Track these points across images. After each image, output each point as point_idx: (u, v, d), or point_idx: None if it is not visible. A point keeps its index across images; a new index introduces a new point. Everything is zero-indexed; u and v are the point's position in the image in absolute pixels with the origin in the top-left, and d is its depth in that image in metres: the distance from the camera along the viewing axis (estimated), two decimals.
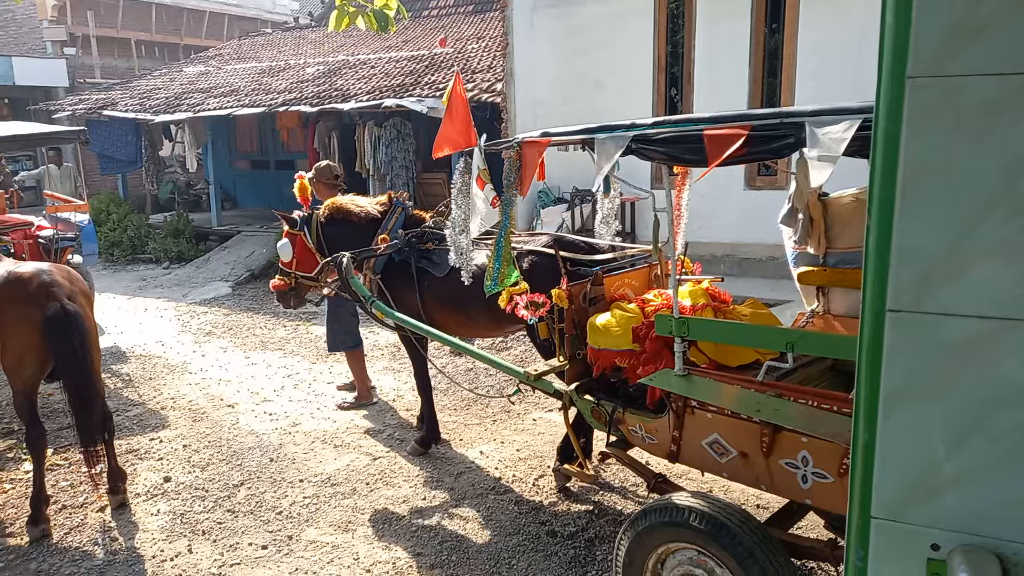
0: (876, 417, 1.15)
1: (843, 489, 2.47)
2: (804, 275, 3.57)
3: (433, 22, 15.84)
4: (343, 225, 5.09)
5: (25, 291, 4.11)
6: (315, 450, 5.18)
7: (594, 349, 3.45)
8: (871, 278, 1.13)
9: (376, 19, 4.86)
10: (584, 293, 3.59)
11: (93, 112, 14.31)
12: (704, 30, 8.55)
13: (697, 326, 2.93)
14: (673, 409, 3.06)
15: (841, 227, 3.47)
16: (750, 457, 2.85)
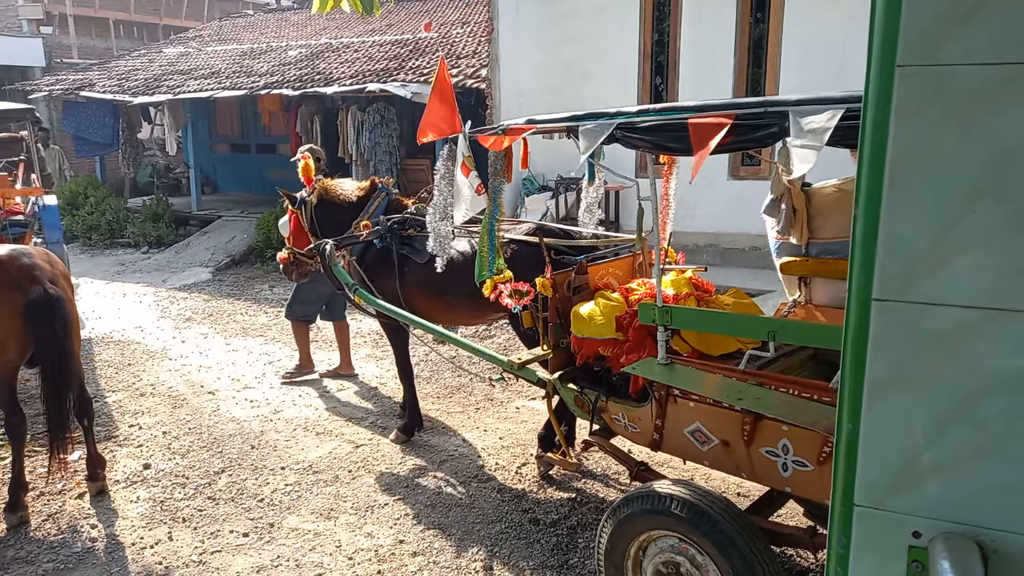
0: (860, 406, 1.15)
1: (822, 477, 2.58)
2: (786, 265, 3.59)
3: (418, 6, 15.69)
4: (331, 207, 5.12)
5: (6, 274, 4.04)
6: (297, 437, 5.15)
7: (577, 338, 3.46)
8: (857, 267, 1.13)
9: (361, 1, 4.80)
10: (568, 282, 3.60)
11: (70, 93, 14.07)
12: (690, 19, 8.54)
13: (680, 315, 2.95)
14: (656, 398, 3.08)
15: (824, 217, 3.48)
16: (731, 445, 2.87)
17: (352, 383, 6.20)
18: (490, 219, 3.68)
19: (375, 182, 5.17)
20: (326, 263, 4.79)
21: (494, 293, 3.75)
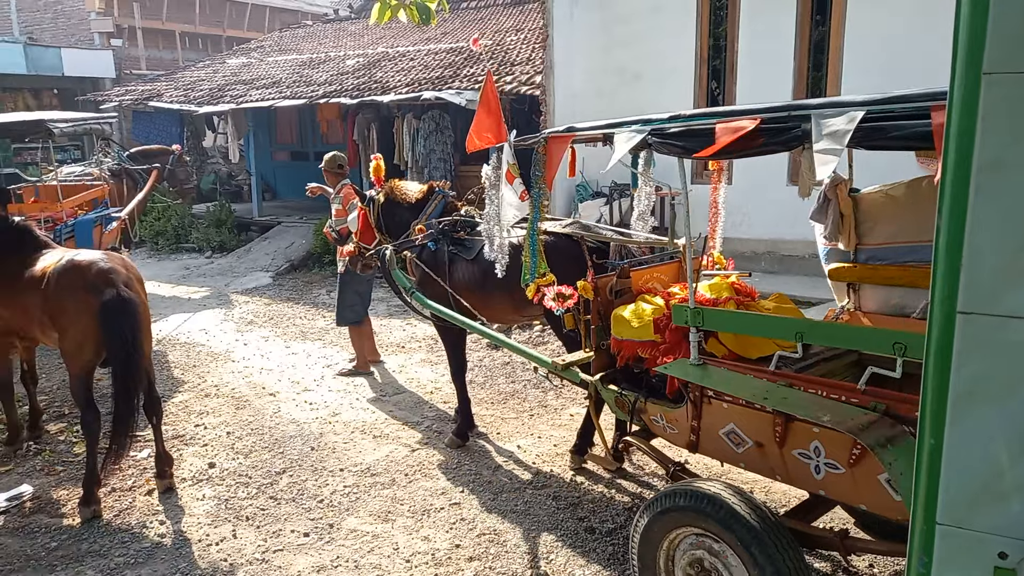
0: (943, 420, 1.13)
1: (854, 480, 2.57)
2: (835, 271, 3.59)
3: (472, 14, 15.83)
4: (395, 207, 5.40)
5: (85, 278, 4.29)
6: (354, 440, 5.24)
7: (617, 340, 3.54)
8: (940, 278, 1.11)
9: (418, 12, 4.88)
10: (610, 286, 3.69)
11: (139, 103, 14.61)
12: (748, 22, 8.41)
13: (711, 316, 3.02)
14: (691, 399, 3.12)
15: (872, 223, 3.48)
16: (765, 447, 2.88)
17: (409, 388, 6.27)
18: (532, 224, 3.80)
19: (433, 186, 5.40)
20: (385, 267, 5.07)
21: (537, 296, 3.87)
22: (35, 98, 18.66)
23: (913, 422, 2.40)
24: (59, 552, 3.92)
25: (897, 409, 2.50)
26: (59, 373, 6.75)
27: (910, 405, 2.46)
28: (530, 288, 3.91)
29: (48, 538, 4.05)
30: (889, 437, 2.40)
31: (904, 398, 2.54)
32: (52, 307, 4.35)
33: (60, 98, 18.71)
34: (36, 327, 4.56)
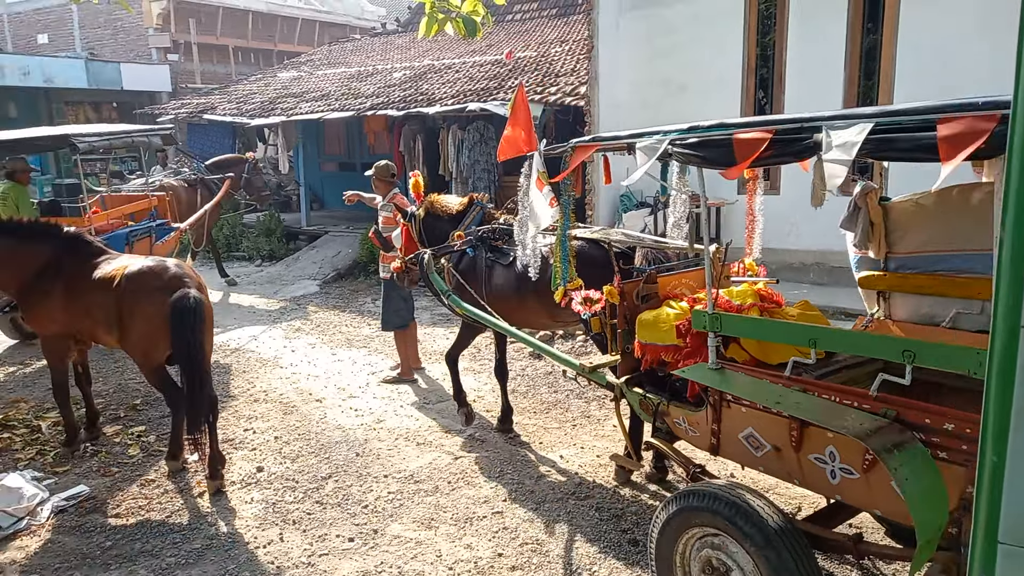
0: (1006, 437, 1.09)
1: (868, 485, 2.61)
2: (865, 279, 3.62)
3: (517, 26, 15.93)
4: (435, 219, 5.61)
5: (160, 281, 4.69)
6: (398, 447, 5.29)
7: (642, 343, 3.63)
8: (1003, 291, 1.08)
9: (464, 25, 4.94)
10: (637, 291, 3.79)
11: (194, 116, 15.04)
12: (797, 30, 8.30)
13: (729, 321, 3.09)
14: (711, 402, 3.18)
15: (902, 232, 3.51)
16: (782, 452, 2.93)
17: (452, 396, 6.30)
18: (562, 231, 3.95)
19: (472, 198, 5.64)
20: (423, 271, 5.29)
21: (565, 300, 4.03)
22: (95, 111, 19.36)
23: (923, 428, 2.45)
24: (113, 551, 4.04)
25: (907, 416, 2.53)
26: (115, 377, 6.97)
27: (920, 412, 2.51)
28: (558, 292, 4.06)
29: (103, 537, 4.18)
30: (897, 443, 2.43)
31: (914, 405, 2.57)
32: (126, 307, 4.69)
33: (119, 111, 19.38)
34: (101, 328, 4.86)
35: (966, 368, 2.34)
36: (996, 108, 2.04)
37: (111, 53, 19.91)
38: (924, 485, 2.35)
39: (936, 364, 2.50)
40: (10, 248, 4.95)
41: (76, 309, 4.89)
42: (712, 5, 8.77)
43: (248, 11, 21.30)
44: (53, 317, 4.97)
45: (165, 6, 19.39)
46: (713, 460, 4.03)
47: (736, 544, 2.82)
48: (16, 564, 3.93)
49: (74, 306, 4.89)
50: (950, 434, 2.41)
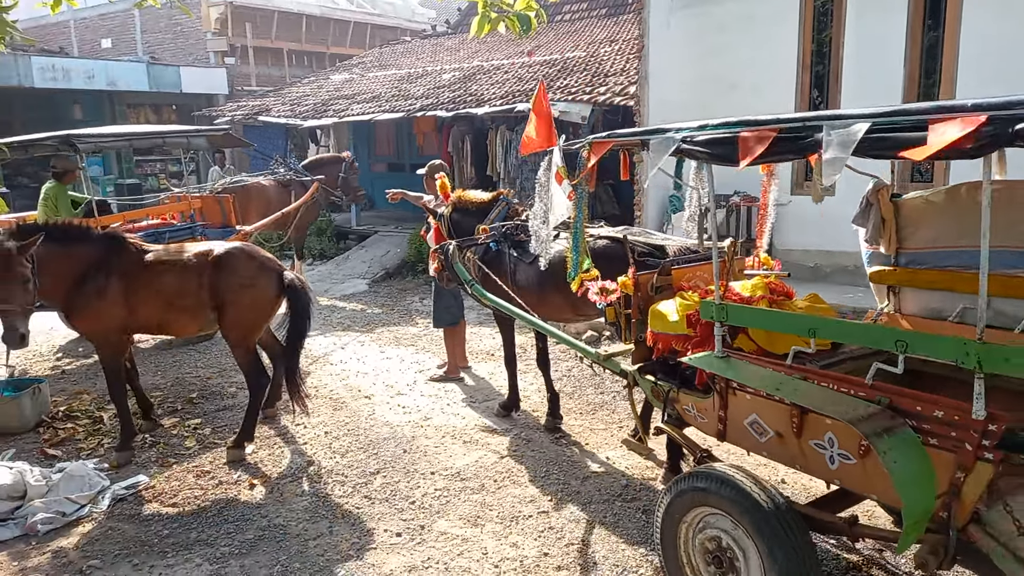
0: None
1: (864, 470, 2.72)
2: (876, 274, 3.74)
3: (566, 26, 15.92)
4: (462, 215, 5.85)
5: (261, 261, 5.27)
6: (445, 444, 5.34)
7: (654, 333, 3.76)
8: None
9: (518, 22, 4.96)
10: (651, 282, 3.95)
11: (249, 117, 15.41)
12: (854, 27, 8.12)
13: (733, 311, 3.23)
14: (717, 390, 3.32)
15: (913, 228, 3.60)
16: (785, 438, 3.04)
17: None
18: (576, 224, 4.15)
19: (498, 193, 5.84)
20: (448, 261, 5.55)
21: (581, 289, 4.25)
22: (155, 113, 19.99)
23: (915, 416, 2.58)
24: (170, 539, 4.17)
25: (900, 403, 2.64)
26: (173, 371, 7.19)
27: (911, 400, 2.62)
28: (575, 283, 4.28)
29: (160, 526, 4.31)
30: (887, 427, 2.55)
31: (906, 393, 2.66)
32: (230, 289, 5.06)
33: (178, 113, 19.97)
34: (186, 315, 5.18)
35: (954, 357, 2.44)
36: (985, 110, 2.12)
37: (171, 57, 20.53)
38: (912, 468, 2.46)
39: (926, 353, 2.67)
40: (52, 253, 4.78)
41: (149, 301, 5.06)
42: (767, 2, 8.64)
43: (302, 15, 21.73)
44: (112, 314, 5.03)
45: (223, 10, 19.91)
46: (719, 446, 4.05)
47: (735, 524, 2.96)
48: (78, 549, 4.09)
49: (145, 298, 5.05)
50: (940, 421, 2.52)
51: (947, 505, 2.51)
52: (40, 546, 4.12)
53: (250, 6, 20.20)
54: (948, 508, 2.51)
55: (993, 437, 2.38)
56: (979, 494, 2.45)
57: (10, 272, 4.45)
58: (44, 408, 5.90)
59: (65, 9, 5.77)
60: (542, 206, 4.32)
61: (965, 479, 2.46)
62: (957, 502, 2.49)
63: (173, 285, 5.08)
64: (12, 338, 4.51)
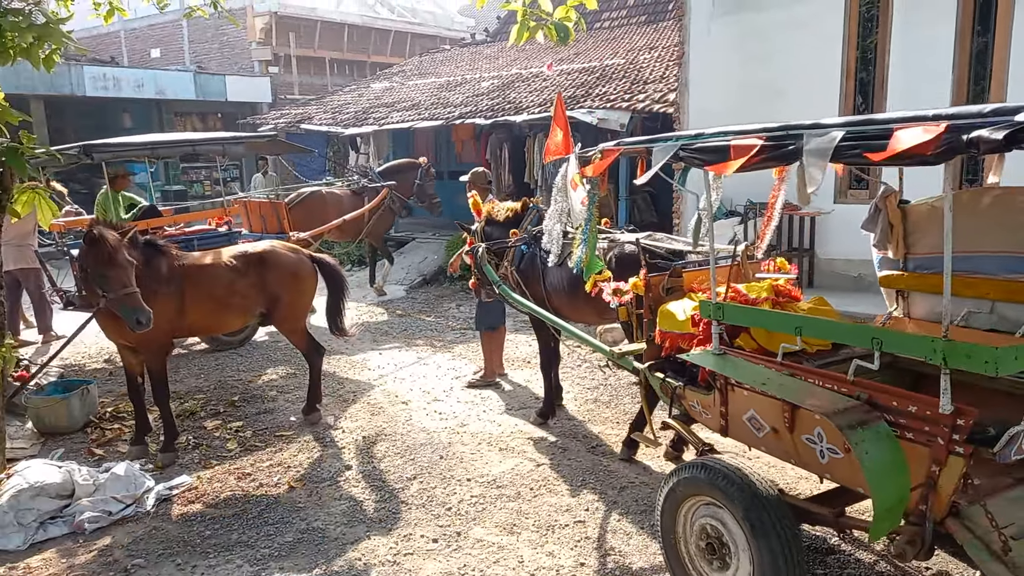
0: None
1: (851, 464, 2.78)
2: (885, 279, 3.86)
3: (605, 34, 15.91)
4: (494, 226, 6.07)
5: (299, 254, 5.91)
6: (481, 451, 5.35)
7: (662, 331, 3.93)
8: None
9: (557, 31, 4.97)
10: (662, 284, 4.13)
11: (292, 125, 15.69)
12: (901, 33, 7.96)
13: (730, 311, 3.40)
14: (717, 386, 3.47)
15: (920, 233, 3.71)
16: (780, 433, 3.15)
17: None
18: (585, 227, 4.41)
19: (527, 202, 6.01)
20: (478, 263, 5.87)
21: (595, 290, 4.51)
22: (202, 121, 20.47)
23: (890, 410, 2.71)
24: (212, 540, 4.24)
25: (878, 399, 2.76)
26: (215, 374, 7.33)
27: (889, 395, 2.75)
28: (588, 283, 4.55)
29: (203, 526, 4.39)
30: (862, 420, 2.67)
31: (885, 389, 2.81)
32: (282, 283, 5.63)
33: (223, 121, 20.42)
34: (235, 313, 5.63)
35: (923, 355, 2.59)
36: (945, 119, 2.27)
37: (217, 66, 21.01)
38: (883, 459, 2.58)
39: (898, 351, 2.86)
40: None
41: (202, 303, 5.37)
42: (810, 8, 8.52)
43: (344, 24, 22.07)
44: (167, 318, 5.18)
45: (268, 21, 20.33)
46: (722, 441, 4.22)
47: (727, 512, 3.11)
48: (124, 548, 4.18)
49: (197, 301, 5.34)
50: (913, 416, 2.64)
51: (925, 498, 2.63)
52: (87, 544, 4.23)
53: (294, 16, 20.59)
54: (926, 501, 2.63)
55: (962, 432, 2.50)
56: (954, 487, 2.56)
57: (123, 256, 4.70)
58: (92, 409, 6.06)
59: (116, 19, 5.96)
60: (557, 208, 4.63)
61: (940, 472, 2.57)
62: (934, 495, 2.60)
63: (224, 286, 5.41)
64: (145, 317, 4.69)
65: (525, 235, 5.74)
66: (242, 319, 5.83)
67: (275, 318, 5.77)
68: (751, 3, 8.97)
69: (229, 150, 8.93)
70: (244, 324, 6.00)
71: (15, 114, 4.02)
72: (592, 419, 5.93)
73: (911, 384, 3.03)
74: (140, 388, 5.49)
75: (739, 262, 4.31)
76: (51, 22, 4.47)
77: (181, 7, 14.76)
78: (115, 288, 4.65)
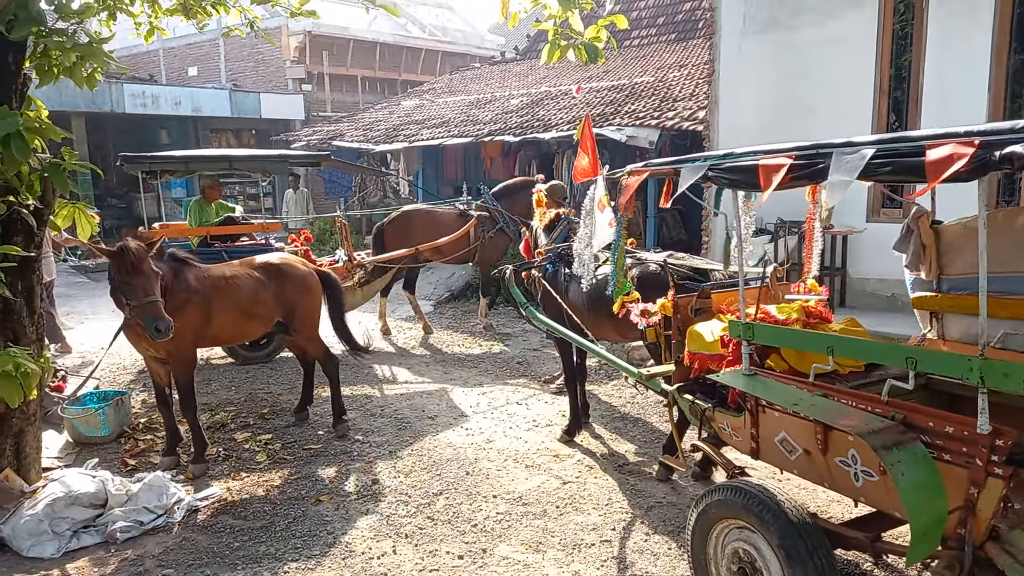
0: None
1: (887, 487, 2.74)
2: (919, 300, 3.83)
3: (635, 51, 15.94)
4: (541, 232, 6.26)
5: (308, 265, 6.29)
6: (507, 468, 5.34)
7: (691, 353, 3.90)
8: None
9: (586, 51, 5.01)
10: (691, 305, 4.10)
11: (324, 142, 15.92)
12: (936, 50, 7.87)
13: (760, 330, 3.37)
14: (748, 408, 3.43)
15: (954, 254, 3.68)
16: (812, 455, 3.11)
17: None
18: (613, 248, 4.42)
19: (559, 214, 6.15)
20: (504, 285, 5.91)
21: (623, 311, 4.53)
22: (236, 138, 20.86)
23: (926, 431, 2.67)
24: (240, 552, 4.28)
25: (914, 419, 2.72)
26: (245, 387, 7.42)
27: (925, 415, 2.71)
28: (616, 304, 4.55)
29: (231, 538, 4.44)
30: (897, 441, 2.63)
31: (921, 409, 2.76)
32: (299, 292, 5.87)
33: (257, 138, 20.78)
34: (259, 322, 5.80)
35: (958, 374, 2.54)
36: (977, 136, 2.25)
37: (252, 84, 21.42)
38: (919, 480, 2.52)
39: (934, 370, 2.85)
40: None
41: (229, 313, 5.54)
42: (843, 26, 8.46)
43: (376, 43, 22.38)
44: (194, 329, 5.30)
45: (302, 39, 20.70)
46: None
47: (761, 537, 3.05)
48: (154, 558, 4.23)
49: (223, 311, 5.49)
50: (951, 437, 2.59)
51: (963, 521, 2.56)
52: (119, 553, 4.29)
53: (327, 35, 20.93)
54: (964, 524, 2.56)
55: (1001, 452, 2.44)
56: (994, 510, 2.49)
57: (148, 265, 4.82)
58: (126, 420, 6.17)
59: (156, 38, 6.13)
60: (586, 231, 4.63)
61: (978, 495, 2.51)
62: (973, 518, 2.54)
63: (248, 296, 5.58)
64: (165, 325, 4.77)
65: (550, 254, 5.80)
66: (263, 328, 5.97)
67: (292, 327, 5.95)
68: (783, 21, 8.95)
69: (272, 167, 9.18)
70: (263, 333, 6.13)
71: (58, 131, 4.13)
72: (619, 437, 5.90)
73: (946, 407, 2.99)
74: (168, 399, 5.55)
75: (768, 283, 4.30)
76: (94, 42, 4.61)
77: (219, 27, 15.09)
78: (138, 296, 4.76)
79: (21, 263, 4.40)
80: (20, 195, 4.31)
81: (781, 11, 8.94)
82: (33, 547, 4.26)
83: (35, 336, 4.74)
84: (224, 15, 6.25)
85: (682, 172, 3.48)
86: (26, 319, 4.66)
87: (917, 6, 8.05)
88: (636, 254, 5.28)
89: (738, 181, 3.24)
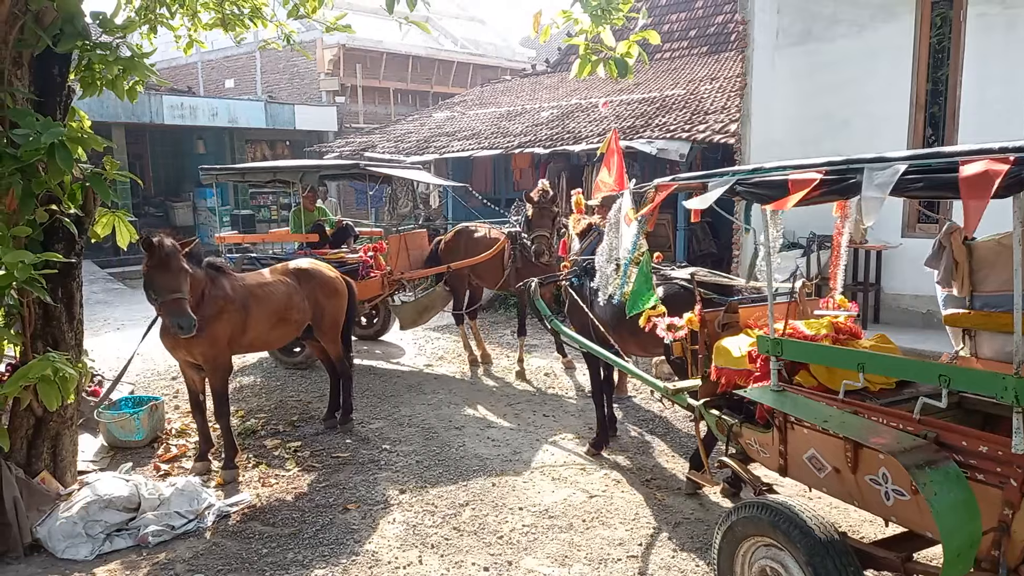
0: None
1: (919, 507, 2.69)
2: (951, 317, 3.77)
3: (666, 64, 15.92)
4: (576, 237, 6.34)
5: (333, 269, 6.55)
6: (534, 480, 5.32)
7: (718, 368, 3.88)
8: None
9: (616, 66, 5.02)
10: (718, 320, 4.07)
11: (356, 153, 16.11)
12: (974, 64, 7.74)
13: (788, 346, 3.34)
14: (776, 424, 3.40)
15: (987, 271, 3.63)
16: (841, 473, 3.08)
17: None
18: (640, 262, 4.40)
19: (591, 224, 6.13)
20: (529, 298, 5.96)
21: (649, 325, 4.52)
22: (271, 148, 21.20)
23: (959, 450, 2.63)
24: (268, 558, 4.32)
25: (947, 438, 2.69)
26: (277, 394, 7.50)
27: (958, 434, 2.68)
28: (642, 318, 4.52)
29: (260, 544, 4.48)
30: (930, 460, 2.59)
31: (951, 427, 2.73)
32: (327, 296, 6.12)
33: (291, 149, 21.10)
34: (291, 326, 5.97)
35: (994, 392, 2.48)
36: (1012, 152, 2.24)
37: (286, 96, 21.78)
38: (952, 500, 2.48)
39: (967, 388, 2.79)
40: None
41: (266, 319, 5.70)
42: (878, 39, 8.37)
43: (409, 56, 22.65)
44: (231, 336, 5.42)
45: (336, 53, 21.02)
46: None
47: (789, 555, 3.02)
48: (185, 562, 4.29)
49: (262, 317, 5.66)
50: (985, 456, 2.55)
51: (998, 543, 2.52)
52: (150, 557, 4.36)
53: (361, 48, 21.24)
54: (999, 546, 2.52)
55: None
56: None
57: (177, 263, 4.89)
58: (160, 425, 6.28)
59: (195, 51, 6.29)
60: (608, 245, 4.62)
61: (1013, 516, 2.46)
62: (1007, 539, 2.50)
63: (283, 301, 5.79)
64: (187, 323, 4.86)
65: (576, 268, 5.85)
66: (295, 332, 6.12)
67: (319, 329, 6.17)
68: (816, 34, 8.88)
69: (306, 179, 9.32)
70: (295, 337, 6.30)
71: (99, 141, 4.24)
72: (646, 451, 5.86)
73: (979, 426, 2.94)
74: (202, 405, 5.63)
75: (797, 298, 4.26)
76: (136, 56, 4.74)
77: (255, 40, 15.39)
78: (164, 292, 4.83)
79: (62, 270, 4.52)
80: (62, 203, 4.44)
81: (815, 24, 8.87)
82: (68, 549, 4.35)
83: (74, 341, 4.86)
84: (261, 29, 6.40)
85: (710, 187, 3.48)
86: (65, 325, 4.78)
87: (955, 20, 7.94)
88: (660, 270, 5.20)
89: (767, 196, 3.21)
